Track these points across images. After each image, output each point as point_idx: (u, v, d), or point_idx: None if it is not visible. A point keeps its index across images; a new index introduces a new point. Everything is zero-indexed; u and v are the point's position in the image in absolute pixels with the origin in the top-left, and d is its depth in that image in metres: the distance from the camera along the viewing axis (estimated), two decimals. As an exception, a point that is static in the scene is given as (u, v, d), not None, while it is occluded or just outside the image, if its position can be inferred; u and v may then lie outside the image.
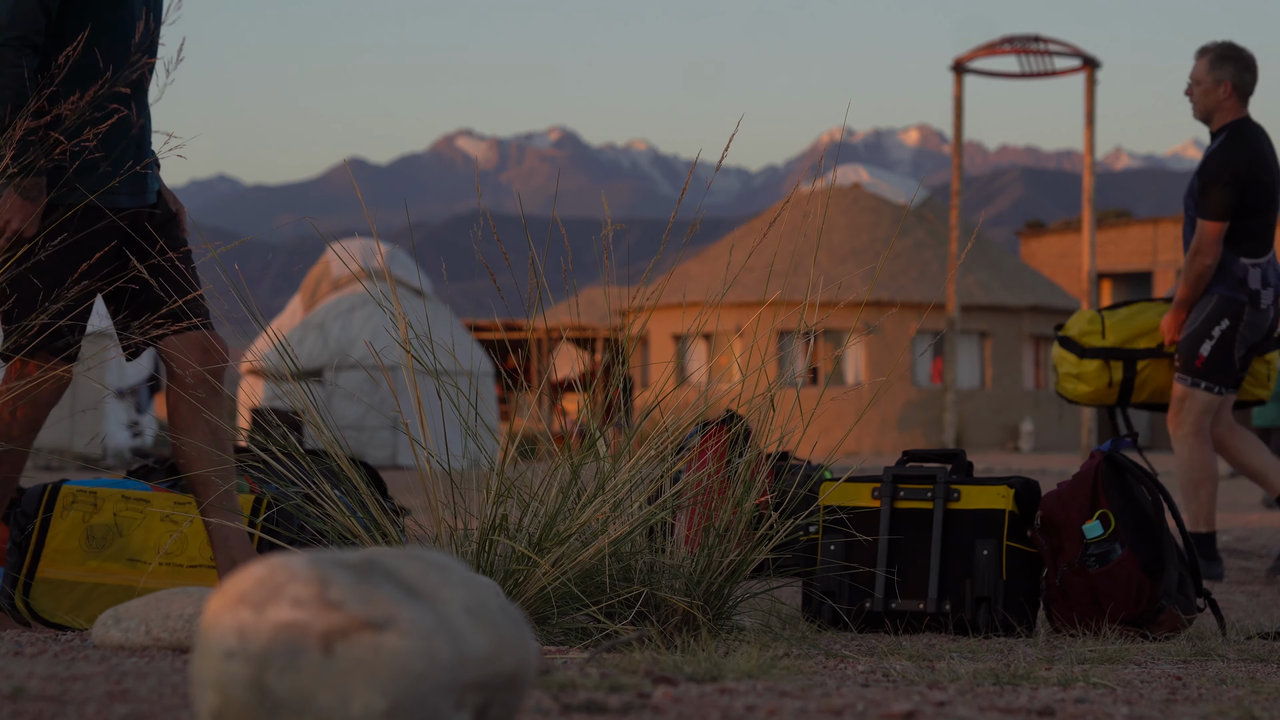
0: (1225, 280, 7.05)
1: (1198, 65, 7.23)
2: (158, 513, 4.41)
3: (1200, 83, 7.19)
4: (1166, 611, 4.72)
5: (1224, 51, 7.18)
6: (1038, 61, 23.28)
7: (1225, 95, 7.14)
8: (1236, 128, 7.15)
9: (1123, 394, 7.18)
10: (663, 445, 4.24)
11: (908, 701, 2.87)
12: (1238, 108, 7.18)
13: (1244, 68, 7.16)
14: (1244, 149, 7.07)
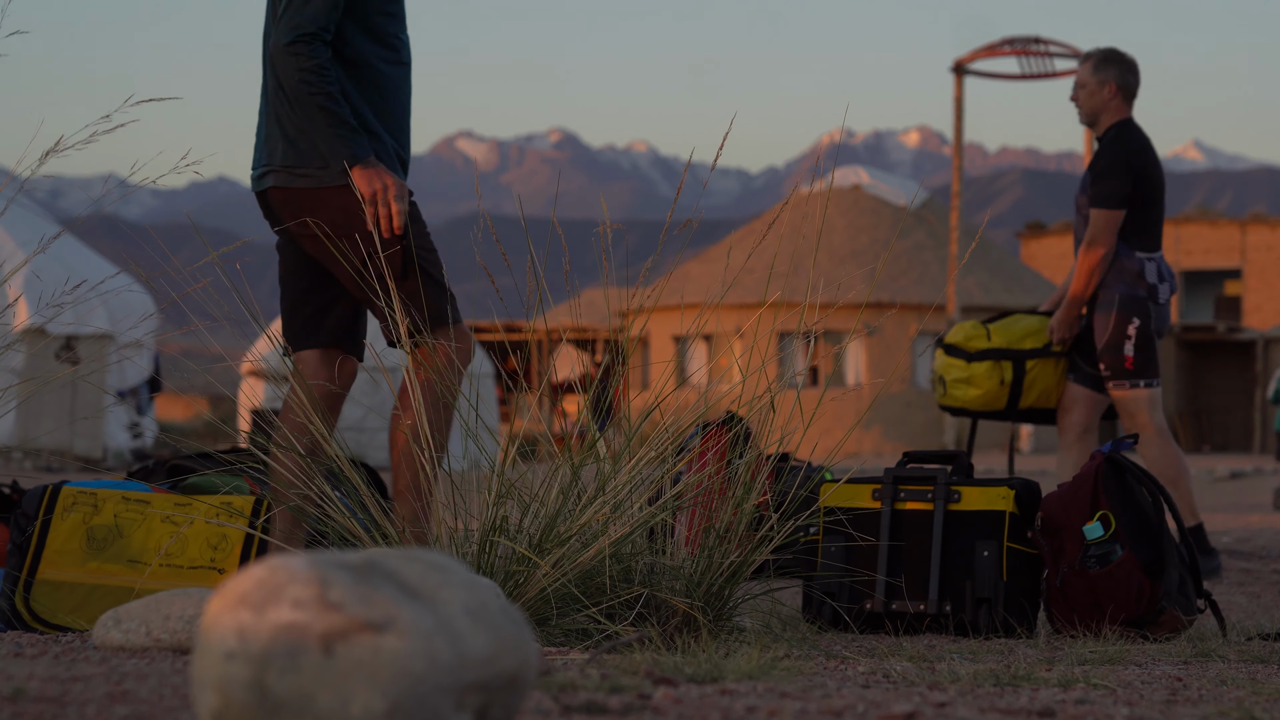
0: (1123, 278, 7.08)
1: (1082, 69, 7.31)
2: (158, 514, 4.41)
3: (1085, 86, 7.26)
4: (1167, 613, 4.72)
5: (1108, 55, 7.27)
6: (1038, 63, 23.29)
7: (1110, 96, 7.21)
8: (1125, 124, 7.23)
9: (1012, 396, 7.17)
10: (663, 446, 4.24)
11: (908, 703, 2.87)
12: (1123, 108, 7.26)
13: (1127, 70, 7.25)
14: (1135, 142, 7.16)
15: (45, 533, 4.44)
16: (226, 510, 4.39)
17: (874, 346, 34.40)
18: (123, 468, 19.28)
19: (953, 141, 23.93)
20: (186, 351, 7.89)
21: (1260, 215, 50.24)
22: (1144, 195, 7.11)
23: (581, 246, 6.13)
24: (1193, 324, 43.06)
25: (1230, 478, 20.78)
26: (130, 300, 20.99)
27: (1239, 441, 42.13)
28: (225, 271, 4.42)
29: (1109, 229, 7.04)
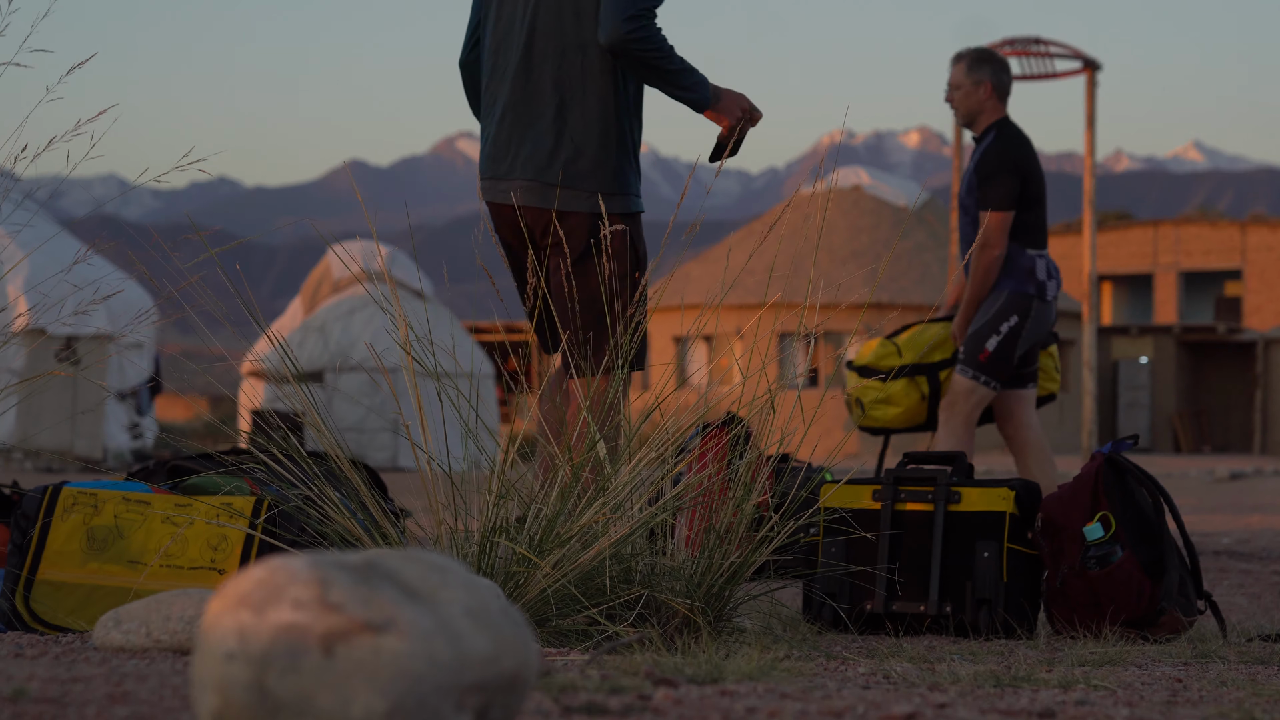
0: (1013, 274, 7.09)
1: (955, 71, 7.30)
2: (159, 515, 4.41)
3: (960, 87, 7.26)
4: (1167, 613, 4.72)
5: (980, 55, 7.28)
6: (1038, 63, 23.27)
7: (986, 96, 7.22)
8: (1005, 124, 7.23)
9: (931, 407, 7.19)
10: (663, 447, 4.24)
11: (908, 703, 2.87)
12: (999, 107, 7.26)
13: (1000, 68, 7.26)
14: (1017, 142, 7.16)
15: (45, 533, 4.44)
16: (227, 511, 4.40)
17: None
18: (123, 468, 19.28)
19: (953, 142, 23.88)
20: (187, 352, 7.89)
21: (1260, 216, 50.26)
22: (1030, 195, 7.11)
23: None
24: (1193, 325, 43.08)
25: (1230, 478, 20.78)
26: (130, 300, 21.00)
27: (1239, 442, 42.13)
28: (225, 271, 4.42)
29: (1002, 232, 7.03)
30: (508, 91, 4.61)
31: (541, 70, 4.58)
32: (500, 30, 4.68)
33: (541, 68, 4.58)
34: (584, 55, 4.56)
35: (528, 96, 4.57)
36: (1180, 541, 4.95)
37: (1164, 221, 50.11)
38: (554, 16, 4.58)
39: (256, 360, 8.28)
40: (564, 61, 4.57)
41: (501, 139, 4.63)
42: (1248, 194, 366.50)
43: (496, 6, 4.72)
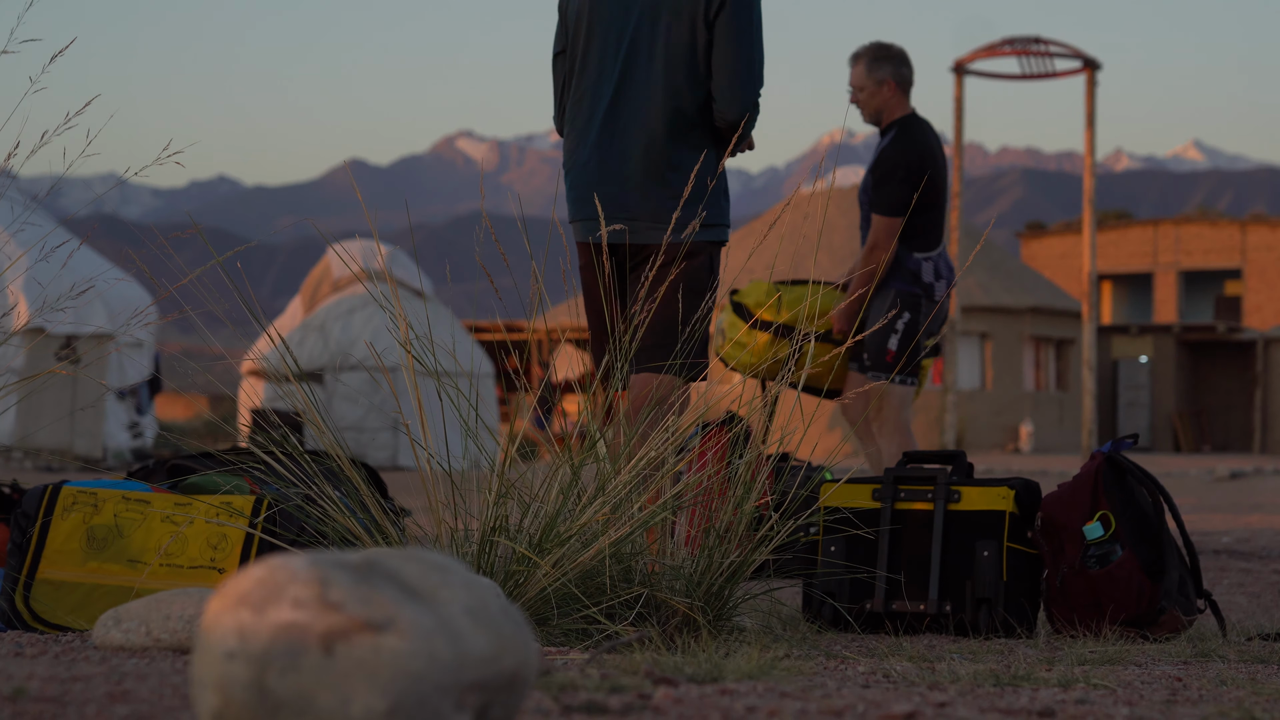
0: (900, 276, 7.08)
1: (855, 71, 7.25)
2: (158, 514, 4.41)
3: (863, 88, 7.22)
4: (1167, 613, 4.72)
5: (878, 52, 7.24)
6: (1038, 63, 23.27)
7: (890, 93, 7.19)
8: (906, 123, 7.20)
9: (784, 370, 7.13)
10: (663, 447, 4.24)
11: (908, 702, 2.87)
12: (904, 103, 7.23)
13: (901, 63, 7.22)
14: (917, 144, 7.13)
15: (45, 532, 4.44)
16: (227, 510, 4.39)
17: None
18: (123, 467, 19.28)
19: (953, 141, 23.93)
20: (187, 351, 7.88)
21: (1260, 215, 50.28)
22: (926, 199, 7.06)
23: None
24: (1193, 324, 43.09)
25: (1230, 478, 20.78)
26: (130, 298, 20.99)
27: (1239, 441, 42.14)
28: (226, 270, 4.42)
29: (892, 235, 7.01)
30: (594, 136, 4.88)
31: (634, 115, 4.84)
32: (589, 79, 4.91)
33: (635, 114, 4.83)
34: (678, 102, 4.82)
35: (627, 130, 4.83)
36: (1180, 541, 4.95)
37: (1164, 221, 50.13)
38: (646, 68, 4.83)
39: (256, 359, 8.28)
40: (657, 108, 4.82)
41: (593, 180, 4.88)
42: (1248, 193, 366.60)
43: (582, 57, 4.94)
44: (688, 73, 4.82)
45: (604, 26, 4.89)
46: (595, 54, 4.91)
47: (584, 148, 4.92)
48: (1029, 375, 38.46)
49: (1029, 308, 37.57)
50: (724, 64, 4.78)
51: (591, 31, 4.90)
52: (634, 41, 4.84)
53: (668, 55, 4.82)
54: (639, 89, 4.83)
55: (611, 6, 4.89)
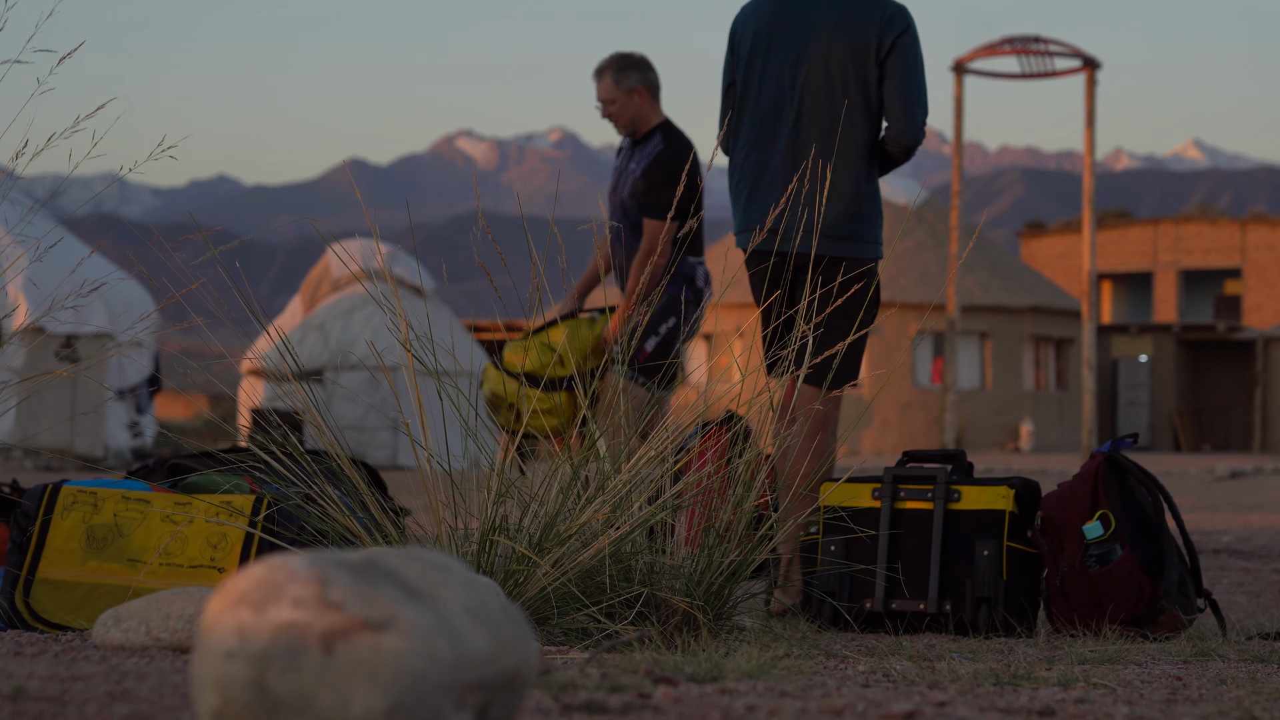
0: (674, 279, 6.98)
1: (602, 85, 7.16)
2: (158, 513, 4.40)
3: (613, 100, 7.13)
4: (1167, 612, 4.72)
5: (623, 62, 7.15)
6: (1038, 62, 23.28)
7: (642, 100, 7.12)
8: (669, 128, 7.15)
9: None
10: (663, 446, 4.24)
11: (908, 702, 2.87)
12: (656, 108, 7.17)
13: (646, 69, 7.15)
14: (683, 148, 7.08)
15: (45, 532, 4.44)
16: (227, 509, 4.39)
17: (874, 346, 34.41)
18: (123, 467, 19.28)
19: (953, 141, 23.93)
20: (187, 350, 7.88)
21: (1260, 215, 50.28)
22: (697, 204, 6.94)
23: (582, 245, 6.13)
24: (1193, 323, 43.09)
25: (1230, 477, 20.78)
26: (130, 298, 20.99)
27: (1239, 440, 42.14)
28: (226, 269, 4.42)
29: (668, 240, 6.90)
30: (778, 159, 5.35)
31: (806, 140, 5.32)
32: (767, 109, 5.38)
33: (806, 137, 5.32)
34: (849, 131, 5.31)
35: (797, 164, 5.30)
36: (1180, 540, 4.95)
37: (1164, 220, 50.13)
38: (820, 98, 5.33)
39: (256, 358, 8.28)
40: (830, 137, 5.32)
41: (773, 198, 5.33)
42: (1247, 192, 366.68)
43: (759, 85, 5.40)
44: (861, 105, 5.31)
45: (780, 62, 5.36)
46: (772, 87, 5.37)
47: (766, 170, 5.38)
48: (1029, 374, 38.47)
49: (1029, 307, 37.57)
50: (897, 97, 5.29)
51: (768, 67, 5.37)
52: (810, 77, 5.32)
53: (844, 89, 5.31)
54: (816, 119, 5.32)
55: (788, 44, 5.36)
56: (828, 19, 5.32)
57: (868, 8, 5.31)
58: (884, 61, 5.29)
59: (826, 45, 5.31)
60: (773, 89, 5.37)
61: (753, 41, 5.40)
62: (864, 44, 5.29)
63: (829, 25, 5.32)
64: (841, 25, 5.31)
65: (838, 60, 5.31)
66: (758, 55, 5.39)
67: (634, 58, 7.16)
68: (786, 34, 5.36)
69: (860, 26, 5.29)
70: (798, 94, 5.34)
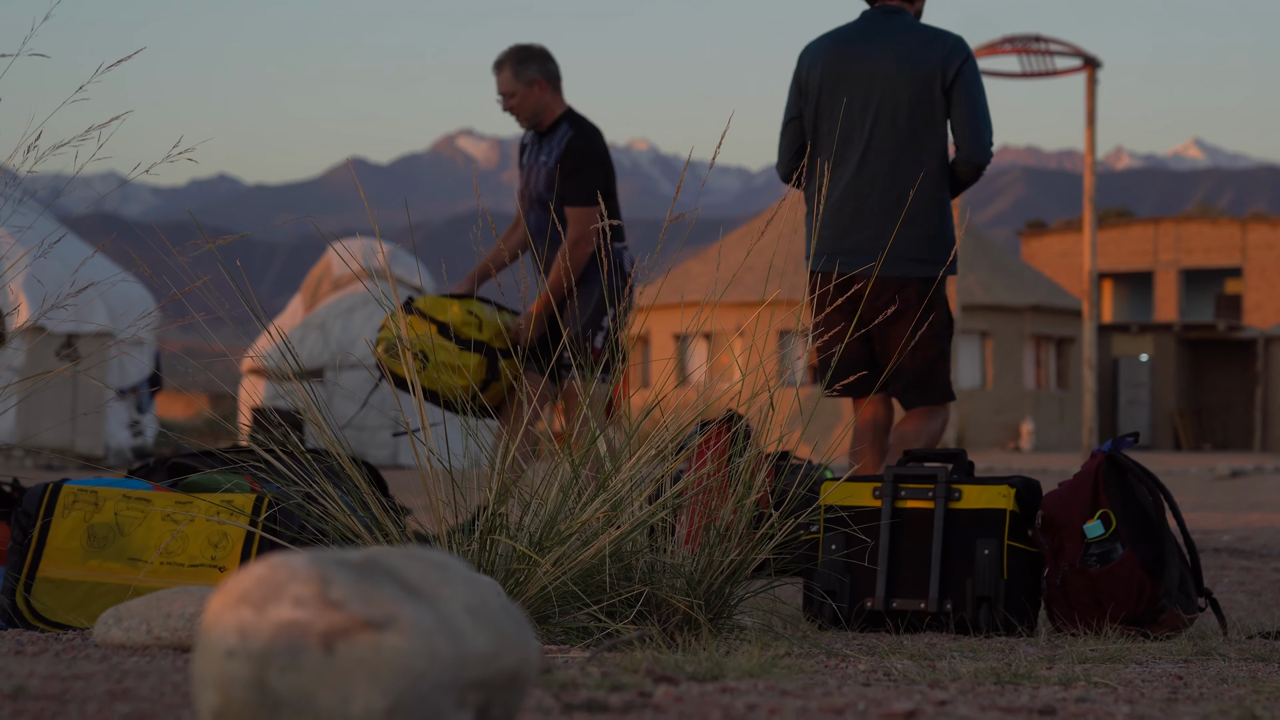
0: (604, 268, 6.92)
1: (502, 79, 7.11)
2: (159, 512, 4.41)
3: (514, 93, 7.08)
4: (1168, 611, 4.72)
5: (521, 55, 7.11)
6: (1038, 61, 23.27)
7: (543, 91, 7.08)
8: (575, 116, 7.11)
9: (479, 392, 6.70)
10: (663, 444, 4.24)
11: (909, 700, 2.87)
12: (559, 98, 7.13)
13: (544, 59, 7.11)
14: (592, 133, 7.05)
15: (46, 531, 4.44)
16: (227, 508, 4.39)
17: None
18: (123, 466, 19.27)
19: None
20: (187, 349, 7.87)
21: (1261, 214, 50.27)
22: (612, 185, 6.98)
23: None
24: (1193, 322, 43.08)
25: (1230, 476, 20.78)
26: (130, 297, 20.98)
27: (1239, 439, 42.14)
28: (226, 268, 4.43)
29: (594, 227, 6.86)
30: (852, 187, 5.68)
31: (879, 169, 5.67)
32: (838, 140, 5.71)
33: (879, 167, 5.66)
34: (918, 159, 5.65)
35: (877, 182, 5.65)
36: (1181, 539, 4.95)
37: (1164, 219, 50.12)
38: (890, 130, 5.67)
39: (257, 357, 8.29)
40: (901, 163, 5.66)
41: (843, 223, 5.67)
42: (1248, 192, 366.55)
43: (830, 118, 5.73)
44: (928, 132, 5.67)
45: (850, 96, 5.71)
46: (843, 120, 5.71)
47: (840, 199, 5.71)
48: (1029, 374, 38.46)
49: (1029, 306, 37.55)
50: (965, 122, 5.66)
51: (837, 101, 5.72)
52: (880, 109, 5.68)
53: (912, 119, 5.67)
54: (888, 149, 5.67)
55: (857, 79, 5.72)
56: (893, 53, 5.69)
57: (929, 41, 5.70)
58: (949, 90, 5.66)
59: (894, 79, 5.68)
60: (844, 122, 5.71)
61: (821, 77, 5.75)
62: (929, 75, 5.65)
63: (894, 59, 5.68)
64: (906, 59, 5.67)
65: (905, 92, 5.67)
66: (826, 91, 5.73)
67: (533, 49, 7.11)
68: (855, 70, 5.70)
69: (924, 59, 5.67)
70: (868, 126, 5.69)
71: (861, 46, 5.75)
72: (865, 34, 5.77)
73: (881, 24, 5.76)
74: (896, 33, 5.73)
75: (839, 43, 5.78)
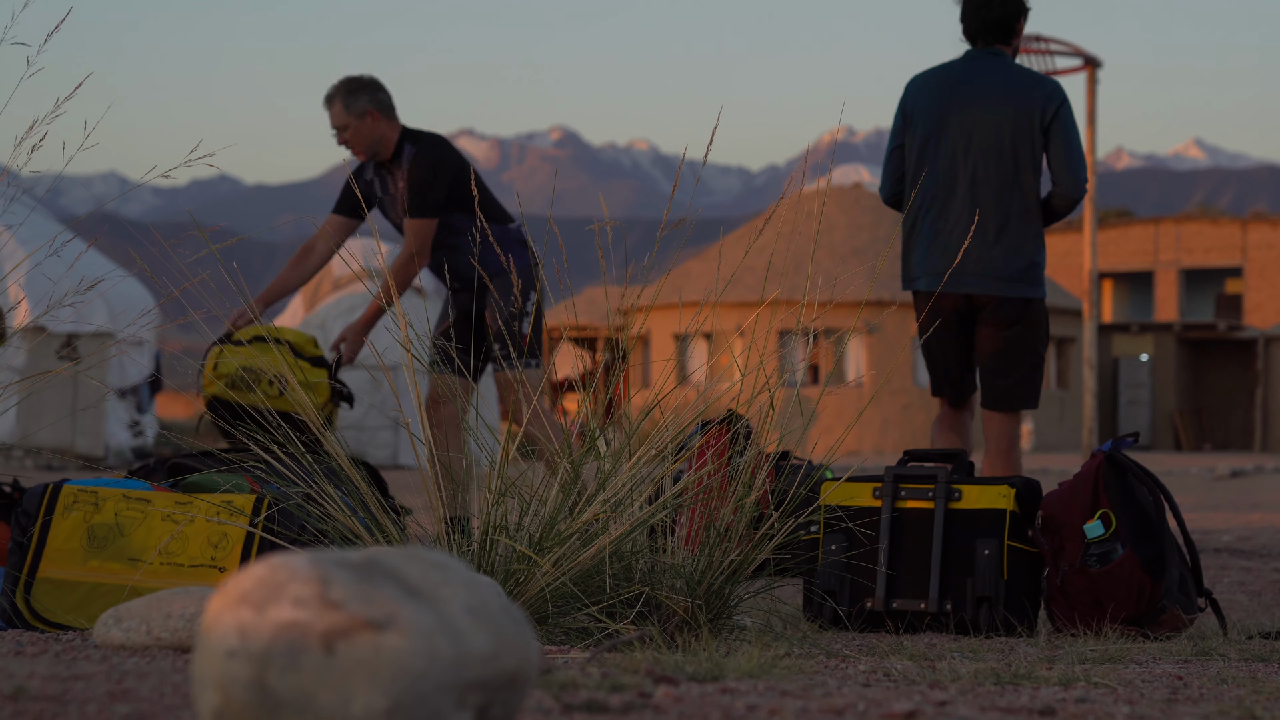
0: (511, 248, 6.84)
1: (333, 113, 6.99)
2: (159, 512, 4.41)
3: (346, 126, 6.96)
4: (1168, 611, 4.72)
5: (350, 86, 6.99)
6: (1039, 60, 23.26)
7: (375, 122, 6.95)
8: (410, 135, 7.01)
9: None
10: (663, 445, 4.24)
11: (909, 701, 2.87)
12: (395, 124, 7.00)
13: (376, 89, 7.00)
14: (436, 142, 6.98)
15: (46, 531, 4.44)
16: (227, 509, 4.39)
17: (874, 344, 34.42)
18: (123, 466, 19.27)
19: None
20: (187, 349, 7.87)
21: (1261, 213, 50.25)
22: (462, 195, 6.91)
23: (582, 244, 6.11)
24: (1194, 322, 43.07)
25: (1231, 476, 20.78)
26: (130, 297, 20.98)
27: (1240, 439, 42.13)
28: (226, 269, 4.43)
29: (427, 237, 6.81)
30: (955, 214, 6.15)
31: (985, 198, 6.14)
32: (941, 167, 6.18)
33: (985, 196, 6.14)
34: (1019, 189, 6.13)
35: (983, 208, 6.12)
36: (1181, 539, 4.95)
37: (1165, 219, 50.11)
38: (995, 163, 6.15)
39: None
40: (1004, 193, 6.15)
41: (956, 240, 6.13)
42: (1249, 191, 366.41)
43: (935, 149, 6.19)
44: (1029, 166, 6.14)
45: (955, 129, 6.17)
46: (947, 151, 6.14)
47: (944, 224, 6.17)
48: (1029, 373, 38.40)
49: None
50: (1061, 159, 6.13)
51: (944, 133, 6.18)
52: (983, 142, 6.14)
53: (1013, 152, 6.13)
54: (990, 179, 6.14)
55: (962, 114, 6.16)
56: (995, 92, 6.16)
57: (1030, 83, 6.17)
58: (1047, 129, 6.13)
59: (996, 115, 6.14)
60: (948, 153, 6.17)
61: (927, 110, 6.20)
62: (1029, 114, 6.13)
63: (997, 97, 6.15)
64: (1007, 98, 6.14)
65: (1007, 128, 6.13)
66: (934, 123, 6.19)
67: (362, 80, 7.00)
68: (960, 105, 6.17)
69: (1025, 99, 6.14)
70: (972, 158, 6.15)
71: (967, 84, 6.20)
72: (970, 72, 6.22)
73: (986, 64, 6.22)
74: (1000, 73, 6.20)
75: (945, 78, 6.22)
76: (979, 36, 6.25)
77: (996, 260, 6.12)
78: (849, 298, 30.47)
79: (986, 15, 6.22)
